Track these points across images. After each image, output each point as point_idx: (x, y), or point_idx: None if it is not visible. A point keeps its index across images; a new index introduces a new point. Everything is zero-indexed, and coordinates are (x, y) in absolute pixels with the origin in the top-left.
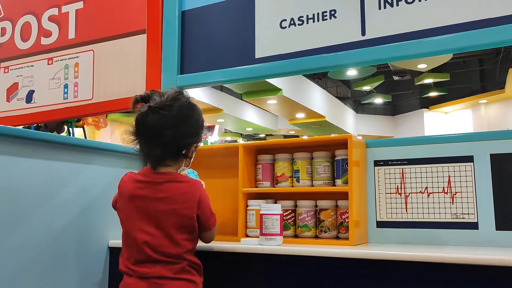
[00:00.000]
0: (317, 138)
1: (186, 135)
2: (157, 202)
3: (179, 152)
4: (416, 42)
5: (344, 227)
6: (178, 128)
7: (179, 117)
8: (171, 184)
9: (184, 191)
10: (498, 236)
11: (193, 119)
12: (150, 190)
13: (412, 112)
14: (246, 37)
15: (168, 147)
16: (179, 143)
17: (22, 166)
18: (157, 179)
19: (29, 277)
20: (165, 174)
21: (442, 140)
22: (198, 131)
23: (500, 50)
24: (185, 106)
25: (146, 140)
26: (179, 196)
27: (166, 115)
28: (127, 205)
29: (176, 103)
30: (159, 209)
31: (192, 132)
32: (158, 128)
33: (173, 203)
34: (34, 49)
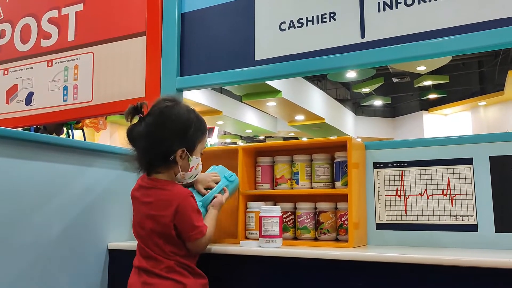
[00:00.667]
0: (316, 140)
1: (159, 141)
2: (143, 206)
3: (166, 159)
4: (415, 44)
5: (344, 229)
6: (151, 134)
7: (154, 123)
8: (155, 191)
9: (164, 198)
10: (498, 238)
11: (168, 124)
12: (140, 194)
13: (411, 114)
14: (245, 39)
15: (149, 153)
16: (155, 149)
17: (22, 168)
18: (147, 184)
19: (29, 278)
20: (154, 181)
21: (442, 142)
22: (173, 138)
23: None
24: (162, 110)
25: (135, 150)
26: (158, 203)
27: (145, 123)
28: (134, 207)
29: (154, 109)
30: (143, 213)
31: (167, 137)
32: (137, 136)
33: (153, 209)
34: (34, 51)
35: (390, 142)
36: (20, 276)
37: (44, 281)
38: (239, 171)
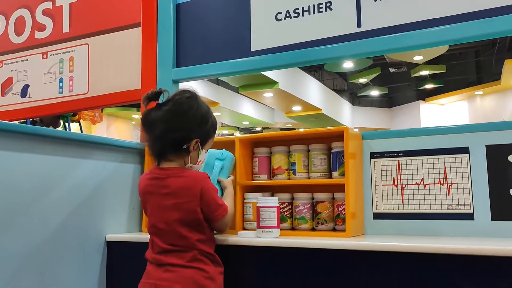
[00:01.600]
0: (313, 131)
1: (176, 129)
2: (162, 197)
3: (178, 147)
4: (412, 34)
5: (341, 219)
6: (170, 120)
7: (172, 110)
8: (173, 179)
9: (186, 185)
10: (494, 226)
11: (188, 114)
12: (156, 187)
13: (408, 104)
14: (241, 29)
15: (162, 140)
16: (170, 136)
17: (18, 161)
18: (160, 175)
19: (27, 272)
20: (167, 170)
21: (438, 132)
22: (193, 126)
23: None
24: (183, 100)
25: (147, 136)
26: (181, 191)
27: (164, 109)
28: (143, 201)
29: (175, 98)
30: (164, 204)
31: (184, 127)
32: (152, 122)
33: (176, 197)
34: (28, 43)
35: (386, 132)
36: (18, 268)
37: (43, 273)
38: (236, 162)
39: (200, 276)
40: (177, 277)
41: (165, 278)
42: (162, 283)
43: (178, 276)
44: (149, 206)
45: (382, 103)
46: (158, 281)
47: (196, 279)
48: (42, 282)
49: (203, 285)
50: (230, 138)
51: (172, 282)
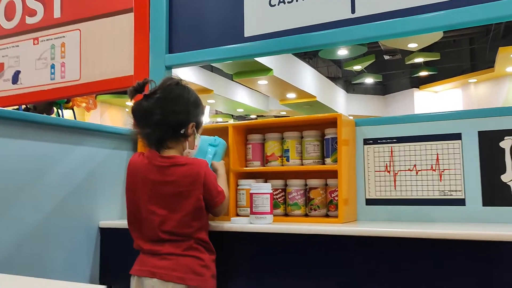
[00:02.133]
0: (306, 118)
1: (175, 113)
2: (166, 185)
3: (177, 132)
4: (406, 20)
5: (334, 205)
6: (166, 106)
7: (167, 97)
8: (176, 168)
9: (189, 173)
10: (485, 212)
11: (182, 97)
12: (159, 174)
13: (402, 92)
14: (235, 15)
15: (161, 126)
16: (170, 120)
17: (11, 147)
18: (163, 163)
19: (19, 257)
20: (169, 158)
21: (431, 118)
22: (189, 108)
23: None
24: (174, 86)
25: (143, 125)
26: (185, 179)
27: (156, 97)
28: (139, 186)
29: (164, 85)
30: (168, 193)
31: (182, 110)
32: (148, 110)
33: (180, 186)
34: (19, 28)
35: (379, 118)
36: (10, 254)
37: (35, 260)
38: (230, 149)
39: (196, 264)
40: (174, 264)
41: (162, 266)
42: (159, 271)
43: (175, 264)
44: (146, 192)
45: (377, 91)
46: (155, 268)
47: (193, 267)
48: (35, 268)
49: (199, 273)
50: (224, 125)
51: (169, 270)
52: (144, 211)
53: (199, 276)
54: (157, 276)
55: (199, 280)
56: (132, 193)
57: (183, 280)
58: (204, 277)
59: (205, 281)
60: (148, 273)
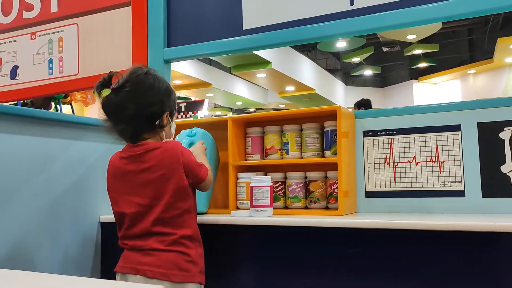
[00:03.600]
0: (306, 110)
1: (149, 104)
2: (145, 172)
3: (152, 123)
4: (405, 11)
5: (334, 198)
6: (138, 99)
7: (138, 89)
8: (151, 153)
9: (165, 155)
10: (484, 203)
11: (154, 87)
12: (135, 164)
13: (401, 84)
14: (233, 8)
15: (136, 120)
16: (145, 112)
17: (10, 143)
18: (137, 151)
19: (21, 253)
20: (141, 145)
21: (430, 110)
22: (163, 98)
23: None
24: (142, 77)
25: (115, 120)
26: (164, 161)
27: (126, 90)
28: (117, 183)
29: (133, 77)
30: (149, 179)
31: (155, 100)
32: (120, 105)
33: (159, 169)
34: (16, 23)
35: (379, 110)
36: (11, 250)
37: (37, 254)
38: (229, 142)
39: (181, 259)
40: (157, 261)
41: (145, 263)
42: (142, 267)
43: (158, 260)
44: (127, 186)
45: (375, 83)
46: (138, 265)
47: (178, 263)
48: (35, 263)
49: (185, 269)
50: (223, 118)
51: (152, 266)
52: (128, 206)
53: (185, 272)
54: (141, 273)
55: (184, 276)
56: (113, 192)
57: (167, 276)
58: (190, 272)
59: (192, 277)
60: (131, 270)
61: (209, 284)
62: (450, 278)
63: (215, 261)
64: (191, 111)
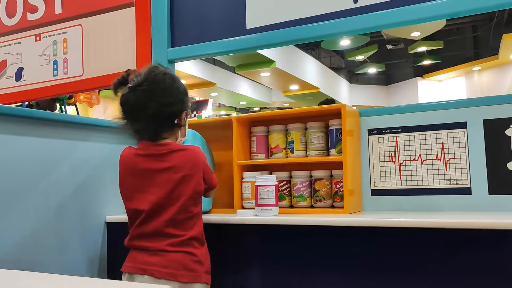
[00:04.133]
0: (310, 109)
1: (170, 103)
2: (165, 172)
3: (171, 122)
4: (409, 8)
5: (339, 196)
6: (160, 98)
7: (158, 88)
8: (174, 154)
9: (189, 158)
10: (491, 200)
11: (173, 87)
12: (156, 162)
13: (406, 81)
14: (236, 7)
15: (157, 118)
16: (166, 111)
17: (16, 144)
18: (159, 151)
19: (27, 253)
20: (165, 145)
21: (436, 107)
22: (183, 98)
23: (493, 15)
24: (162, 77)
25: (135, 118)
26: (185, 164)
27: (146, 89)
28: (132, 179)
29: (152, 76)
30: (168, 179)
31: (175, 100)
32: (142, 103)
33: (181, 171)
34: (21, 25)
35: (384, 108)
36: (18, 250)
37: (44, 256)
38: (234, 142)
39: (188, 260)
40: (165, 261)
41: (153, 263)
42: (150, 267)
43: (166, 260)
44: (144, 183)
45: (380, 81)
46: (145, 265)
47: (185, 263)
48: (42, 264)
49: (192, 269)
50: (228, 118)
51: (160, 266)
52: (143, 203)
53: (192, 272)
54: (148, 273)
55: (192, 276)
56: (127, 189)
57: (175, 276)
58: (197, 273)
59: (198, 277)
60: (139, 270)
61: (215, 283)
62: (458, 276)
63: (221, 260)
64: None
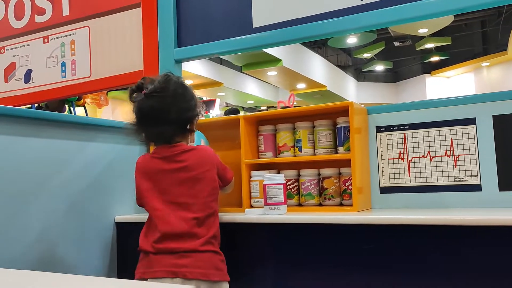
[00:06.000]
0: (318, 107)
1: (187, 109)
2: (181, 171)
3: (184, 127)
4: (416, 4)
5: (348, 194)
6: (178, 104)
7: (176, 95)
8: (187, 153)
9: (201, 155)
10: (501, 196)
11: (188, 94)
12: (171, 163)
13: (413, 78)
14: (242, 6)
15: (175, 124)
16: (184, 117)
17: (26, 146)
18: (173, 152)
19: (37, 254)
20: (178, 146)
21: (444, 104)
22: (196, 104)
23: (502, 11)
24: (178, 84)
25: (152, 124)
26: (200, 161)
27: (164, 95)
28: (150, 183)
29: (169, 84)
30: (185, 178)
31: (190, 106)
32: (160, 109)
33: (196, 169)
34: (29, 27)
35: (392, 105)
36: (29, 250)
37: (54, 256)
38: (241, 141)
39: (217, 259)
40: (196, 261)
41: (183, 265)
42: (181, 270)
43: (197, 260)
44: (161, 185)
45: (387, 78)
46: (175, 268)
47: (214, 262)
48: (52, 264)
49: (220, 268)
50: (235, 117)
51: (192, 267)
52: (164, 204)
53: (220, 271)
54: (180, 275)
55: (221, 275)
56: (147, 193)
57: (207, 276)
58: (224, 271)
59: (225, 275)
60: (168, 274)
61: None
62: (469, 273)
63: (231, 259)
64: None
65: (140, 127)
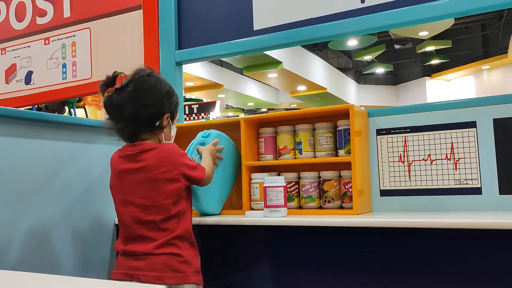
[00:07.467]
0: (318, 109)
1: (148, 106)
2: (138, 172)
3: (151, 124)
4: (416, 8)
5: (348, 197)
6: (138, 100)
7: (138, 89)
8: (146, 153)
9: (159, 156)
10: (502, 200)
11: (155, 88)
12: (130, 163)
13: (414, 81)
14: (243, 9)
15: (134, 120)
16: (144, 113)
17: (25, 147)
18: (132, 151)
19: (37, 256)
20: (138, 145)
21: (445, 107)
22: (163, 100)
23: (502, 14)
24: (144, 78)
25: (115, 119)
26: (157, 162)
27: (128, 91)
28: (116, 182)
29: (135, 78)
30: (142, 179)
31: (155, 102)
32: (120, 105)
33: (154, 169)
34: (30, 29)
35: (392, 108)
36: (29, 253)
37: (54, 257)
38: (242, 143)
39: (174, 261)
40: (150, 264)
41: (138, 267)
42: (135, 272)
43: (151, 263)
44: (123, 185)
45: (388, 81)
46: (130, 270)
47: (171, 265)
48: (52, 266)
49: (179, 270)
50: (235, 119)
51: (145, 270)
52: (124, 204)
53: (179, 273)
54: (134, 278)
55: (179, 278)
56: (113, 191)
57: (161, 279)
58: (185, 273)
59: (187, 277)
60: (125, 276)
61: (223, 284)
62: (469, 276)
63: (230, 261)
64: (203, 112)
65: (109, 123)
